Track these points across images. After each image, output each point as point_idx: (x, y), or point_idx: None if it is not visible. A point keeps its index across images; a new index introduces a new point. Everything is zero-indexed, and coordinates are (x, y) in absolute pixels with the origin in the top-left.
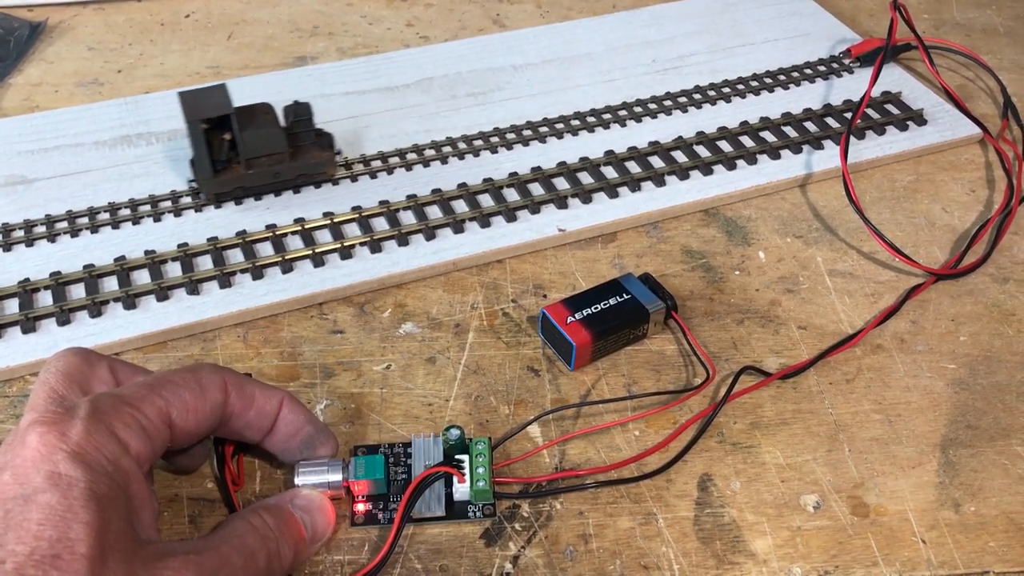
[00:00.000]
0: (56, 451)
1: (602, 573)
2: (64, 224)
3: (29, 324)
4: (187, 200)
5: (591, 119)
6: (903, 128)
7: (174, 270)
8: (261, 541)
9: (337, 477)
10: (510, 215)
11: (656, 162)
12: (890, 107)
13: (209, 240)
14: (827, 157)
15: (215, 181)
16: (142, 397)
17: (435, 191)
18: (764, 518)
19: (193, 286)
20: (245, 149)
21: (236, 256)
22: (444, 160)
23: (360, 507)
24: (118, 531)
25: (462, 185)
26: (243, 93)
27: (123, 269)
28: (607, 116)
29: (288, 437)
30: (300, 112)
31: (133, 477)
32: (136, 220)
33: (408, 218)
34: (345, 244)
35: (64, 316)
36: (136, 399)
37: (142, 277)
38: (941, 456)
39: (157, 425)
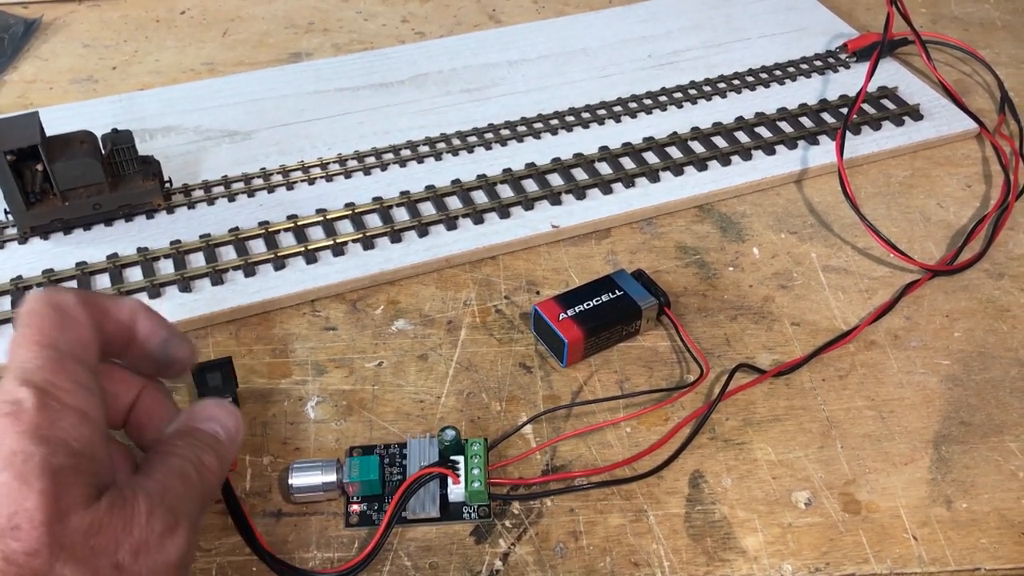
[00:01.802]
0: (7, 436)
1: (592, 570)
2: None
3: None
4: (180, 197)
5: (585, 115)
6: (899, 123)
7: (166, 267)
8: (183, 460)
9: (331, 478)
10: (504, 211)
11: (650, 158)
12: (886, 102)
13: (202, 237)
14: (822, 152)
15: (29, 214)
16: (55, 359)
17: (428, 187)
18: (755, 515)
19: (185, 283)
20: (58, 181)
21: (229, 253)
22: (438, 156)
23: (355, 507)
24: (78, 493)
25: (456, 181)
26: (237, 90)
27: (115, 266)
28: (602, 112)
29: (145, 341)
30: (119, 141)
31: (95, 441)
32: (129, 217)
33: (401, 214)
34: (338, 241)
35: None
36: (54, 364)
37: (134, 274)
38: (934, 452)
39: (85, 375)
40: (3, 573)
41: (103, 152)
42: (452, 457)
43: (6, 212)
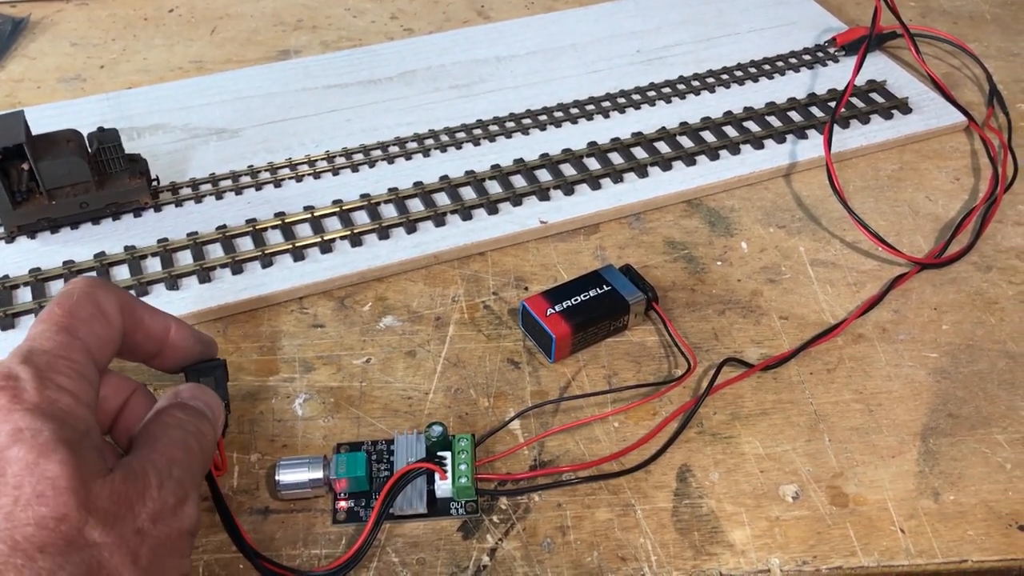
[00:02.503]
0: (12, 412)
1: (579, 565)
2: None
3: (8, 320)
4: (167, 195)
5: (574, 110)
6: (888, 117)
7: (154, 265)
8: (182, 431)
9: (318, 475)
10: (492, 207)
11: (639, 153)
12: (875, 96)
13: (189, 235)
14: (811, 146)
15: (15, 214)
16: (67, 344)
17: (416, 184)
18: (742, 508)
19: (173, 281)
20: (44, 180)
21: (216, 251)
22: (426, 153)
23: (342, 504)
24: (92, 465)
25: (444, 178)
26: (225, 88)
27: (102, 265)
28: (590, 107)
29: (180, 361)
30: (106, 139)
31: (91, 422)
32: (116, 216)
33: (389, 211)
34: (325, 238)
35: None
36: (63, 348)
37: (121, 273)
38: (921, 445)
39: (90, 368)
40: (33, 539)
41: (89, 151)
42: (439, 453)
43: None
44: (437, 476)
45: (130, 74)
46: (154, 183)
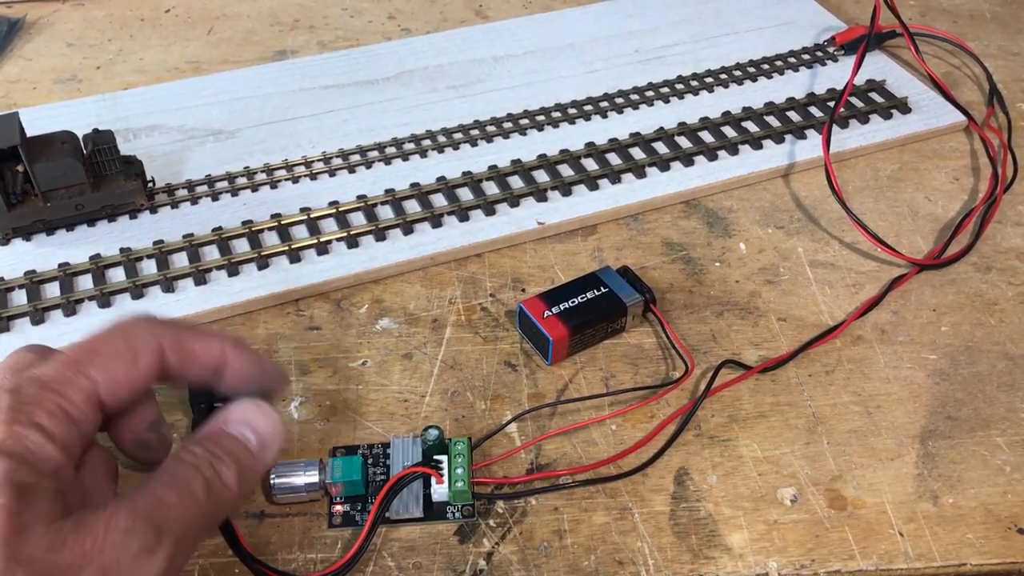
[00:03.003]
0: None
1: (576, 569)
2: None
3: (3, 324)
4: (163, 197)
5: (572, 111)
6: (887, 116)
7: (149, 267)
8: (193, 471)
9: (314, 479)
10: (489, 209)
11: (637, 153)
12: (874, 95)
13: (185, 237)
14: (810, 147)
15: (10, 215)
16: (66, 380)
17: (413, 185)
18: (740, 512)
19: (168, 283)
20: (39, 182)
21: (212, 253)
22: (423, 153)
23: (338, 508)
24: (42, 510)
25: (441, 179)
26: (222, 88)
27: (98, 267)
28: (588, 108)
29: (238, 386)
30: (100, 141)
31: (61, 464)
32: (111, 217)
33: (386, 212)
34: (322, 240)
35: (38, 315)
36: (59, 382)
37: (117, 275)
38: (920, 448)
39: (83, 409)
40: None
41: (85, 152)
42: (435, 456)
43: None
44: (433, 480)
45: (126, 75)
46: (150, 185)
